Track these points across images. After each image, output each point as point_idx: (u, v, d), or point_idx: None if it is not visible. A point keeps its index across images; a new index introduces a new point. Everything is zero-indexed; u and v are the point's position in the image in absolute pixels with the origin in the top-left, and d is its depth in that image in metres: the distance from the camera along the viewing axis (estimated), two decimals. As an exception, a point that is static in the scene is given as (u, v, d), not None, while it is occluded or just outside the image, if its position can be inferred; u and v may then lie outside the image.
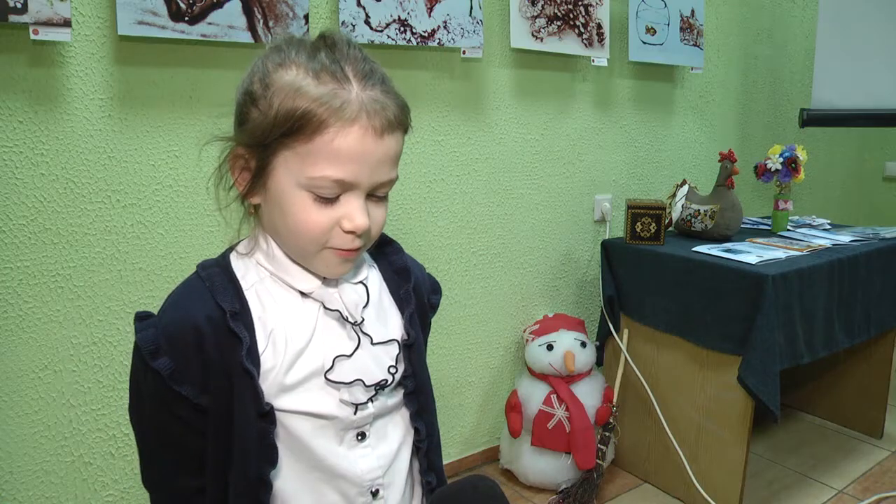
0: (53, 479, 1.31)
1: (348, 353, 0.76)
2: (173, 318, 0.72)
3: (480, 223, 1.82)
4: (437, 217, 1.74)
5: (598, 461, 1.74)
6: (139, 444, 0.78)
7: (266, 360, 0.72)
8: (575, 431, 1.72)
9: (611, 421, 1.80)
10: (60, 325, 1.28)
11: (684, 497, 1.77)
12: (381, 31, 1.49)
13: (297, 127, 0.67)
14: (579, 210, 2.05)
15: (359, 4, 1.46)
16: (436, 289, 0.94)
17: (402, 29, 1.52)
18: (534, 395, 1.79)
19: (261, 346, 0.72)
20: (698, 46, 2.16)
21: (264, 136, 0.69)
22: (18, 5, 1.08)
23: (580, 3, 1.84)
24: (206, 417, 0.72)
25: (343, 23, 1.44)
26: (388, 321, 0.82)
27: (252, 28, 1.32)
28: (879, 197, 3.13)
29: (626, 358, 1.85)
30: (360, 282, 0.81)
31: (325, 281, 0.77)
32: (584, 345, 1.81)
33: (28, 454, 1.28)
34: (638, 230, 1.82)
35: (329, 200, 0.70)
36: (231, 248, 0.80)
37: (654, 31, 2.03)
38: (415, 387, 0.82)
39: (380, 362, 0.79)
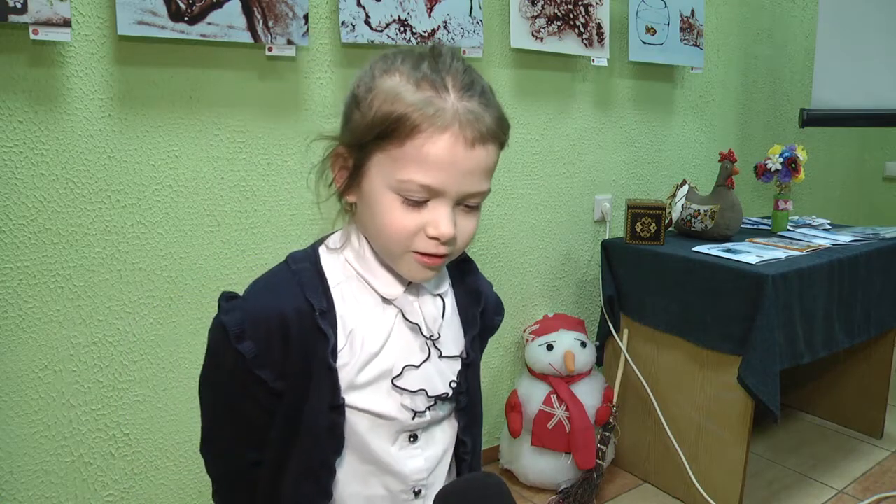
0: (53, 479, 1.31)
1: (417, 364, 0.79)
2: (262, 305, 0.75)
3: (480, 223, 1.82)
4: (437, 217, 1.73)
5: (598, 461, 1.74)
6: (205, 415, 0.82)
7: (342, 357, 0.75)
8: (575, 431, 1.72)
9: (611, 421, 1.80)
10: (60, 325, 1.28)
11: (684, 497, 1.77)
12: (381, 31, 1.49)
13: (391, 130, 0.69)
14: (579, 210, 2.05)
15: (359, 4, 1.46)
16: (499, 310, 0.96)
17: (402, 29, 1.52)
18: (534, 395, 1.79)
19: (339, 343, 0.75)
20: (698, 46, 2.16)
21: (362, 137, 0.72)
22: (18, 5, 1.08)
23: (580, 3, 1.84)
24: (279, 400, 0.76)
25: (343, 23, 1.44)
26: (455, 337, 0.85)
27: (252, 28, 1.32)
28: (879, 197, 3.13)
29: (626, 358, 1.85)
30: (440, 295, 0.83)
31: (408, 289, 0.79)
32: (584, 345, 1.81)
33: (28, 454, 1.28)
34: (638, 230, 1.82)
35: (417, 205, 0.71)
36: (320, 241, 0.82)
37: (654, 31, 2.03)
38: (467, 403, 0.85)
39: (443, 376, 0.82)
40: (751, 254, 1.67)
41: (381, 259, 0.78)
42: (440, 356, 0.82)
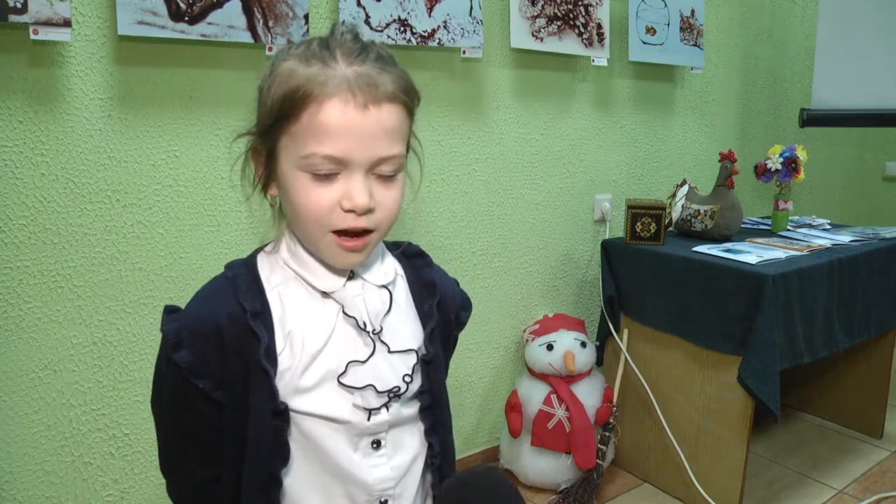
0: (53, 479, 1.31)
1: (362, 360, 0.77)
2: (197, 313, 0.75)
3: (480, 223, 1.82)
4: (437, 217, 1.74)
5: (598, 461, 1.74)
6: (158, 430, 0.82)
7: (283, 361, 0.74)
8: (575, 431, 1.72)
9: (611, 421, 1.80)
10: (60, 325, 1.28)
11: (684, 497, 1.77)
12: (381, 31, 1.49)
13: (287, 109, 0.70)
14: (579, 210, 2.05)
15: (359, 4, 1.46)
16: (465, 305, 0.95)
17: (402, 29, 1.52)
18: (534, 395, 1.79)
19: (279, 347, 0.74)
20: (698, 46, 2.16)
21: (266, 123, 0.73)
22: (18, 5, 1.08)
23: (580, 3, 1.84)
24: (222, 412, 0.74)
25: (343, 23, 1.44)
26: (409, 332, 0.83)
27: (252, 28, 1.32)
28: (879, 197, 3.13)
29: (626, 358, 1.85)
30: (385, 286, 0.81)
31: (351, 282, 0.78)
32: (584, 345, 1.81)
33: (28, 454, 1.28)
34: (638, 230, 1.82)
35: (327, 179, 0.71)
36: (260, 249, 0.82)
37: (654, 31, 2.03)
38: (430, 402, 0.83)
39: (395, 370, 0.79)
40: (751, 254, 1.67)
41: (314, 257, 0.77)
42: (389, 351, 0.79)
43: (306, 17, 1.39)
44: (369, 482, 0.77)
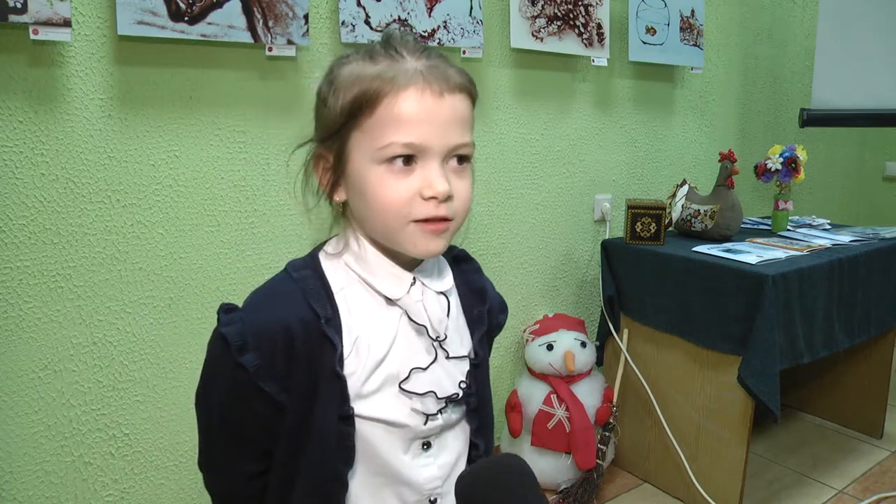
0: (53, 479, 1.31)
1: (424, 367, 0.77)
2: (264, 316, 0.73)
3: (480, 223, 1.82)
4: (437, 217, 1.73)
5: (598, 461, 1.74)
6: (202, 428, 0.80)
7: (349, 365, 0.74)
8: (575, 431, 1.72)
9: (611, 421, 1.80)
10: (60, 325, 1.28)
11: (684, 497, 1.76)
12: (381, 32, 1.49)
13: (360, 105, 0.70)
14: (579, 210, 2.05)
15: (359, 4, 1.46)
16: (503, 308, 0.95)
17: (402, 29, 1.52)
18: (534, 395, 1.79)
19: (346, 352, 0.74)
20: (698, 46, 2.16)
21: (335, 124, 0.73)
22: (18, 5, 1.08)
23: (580, 3, 1.84)
24: (281, 414, 0.74)
25: (343, 23, 1.44)
26: (462, 337, 0.84)
27: (252, 28, 1.32)
28: (879, 197, 3.13)
29: (626, 358, 1.85)
30: (444, 293, 0.82)
31: (412, 289, 0.78)
32: (584, 345, 1.81)
33: (28, 454, 1.28)
34: (638, 230, 1.82)
35: (405, 171, 0.71)
36: (318, 248, 0.81)
37: (654, 31, 2.03)
38: (477, 404, 0.84)
39: (452, 377, 0.80)
40: (751, 254, 1.67)
41: (383, 258, 0.77)
42: (447, 357, 0.80)
43: (306, 17, 1.39)
44: (420, 482, 0.79)
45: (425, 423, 0.77)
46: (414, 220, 0.72)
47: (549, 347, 1.79)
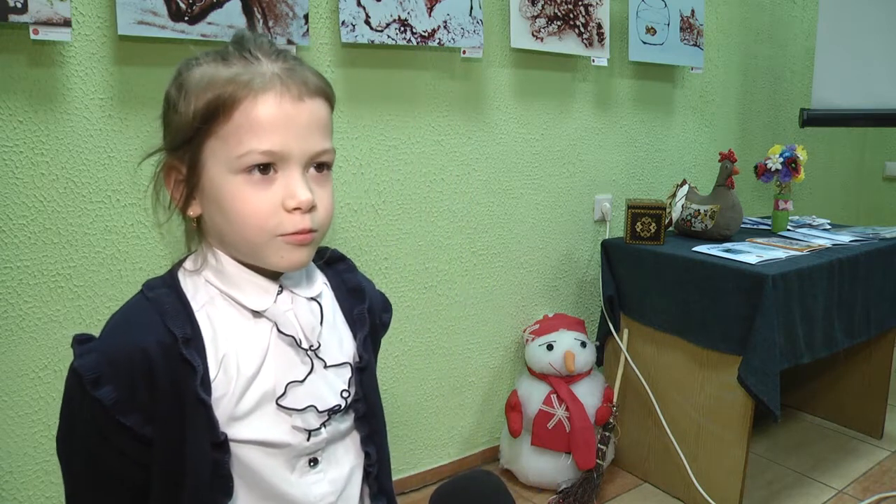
0: (53, 479, 1.31)
1: (300, 379, 0.73)
2: (119, 343, 0.67)
3: (480, 223, 1.82)
4: (437, 217, 1.74)
5: (598, 461, 1.74)
6: (67, 475, 0.72)
7: (217, 388, 0.69)
8: (575, 431, 1.72)
9: (611, 421, 1.80)
10: (60, 325, 1.28)
11: (684, 497, 1.77)
12: (381, 31, 1.49)
13: (214, 111, 0.66)
14: (579, 210, 2.05)
15: (359, 4, 1.46)
16: (387, 307, 0.91)
17: (402, 29, 1.52)
18: (534, 395, 1.79)
19: (212, 373, 0.69)
20: (698, 46, 2.16)
21: (187, 132, 0.68)
22: (18, 5, 1.08)
23: (580, 3, 1.84)
24: (150, 449, 0.68)
25: (343, 23, 1.44)
26: (340, 342, 0.79)
27: (252, 28, 1.32)
28: (879, 197, 3.13)
29: (626, 358, 1.85)
30: (314, 298, 0.77)
31: (279, 298, 0.74)
32: (584, 345, 1.81)
33: (28, 454, 1.28)
34: (638, 230, 1.82)
35: (265, 181, 0.67)
36: (177, 266, 0.76)
37: (654, 31, 2.03)
38: (366, 411, 0.80)
39: (332, 387, 0.76)
40: (751, 254, 1.67)
41: (244, 270, 0.72)
42: (325, 366, 0.76)
43: (306, 17, 1.39)
44: (311, 501, 0.75)
45: (308, 440, 0.73)
46: (279, 234, 0.68)
47: (549, 347, 1.79)
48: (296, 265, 0.72)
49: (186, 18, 1.25)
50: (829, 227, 2.13)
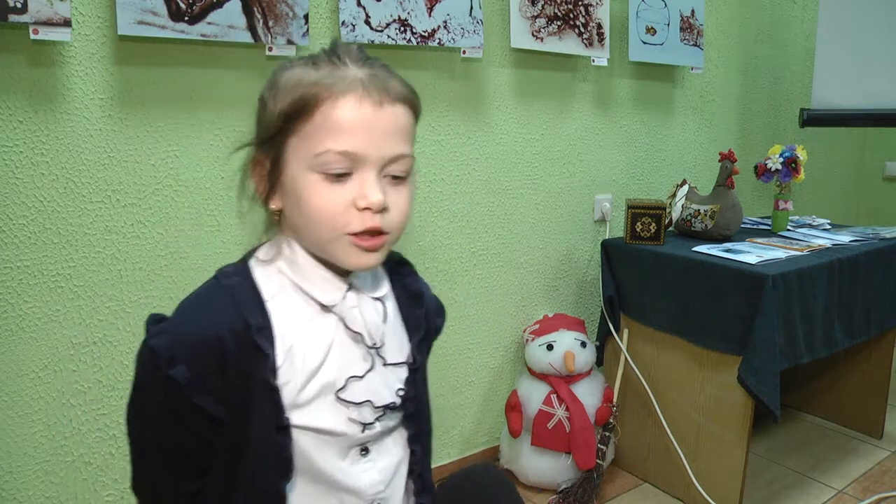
0: (53, 479, 1.31)
1: (360, 375, 0.76)
2: (194, 327, 0.71)
3: (480, 223, 1.82)
4: (437, 217, 1.74)
5: (598, 461, 1.74)
6: (134, 448, 0.76)
7: (282, 375, 0.72)
8: (575, 431, 1.72)
9: (611, 421, 1.80)
10: (60, 325, 1.28)
11: (684, 497, 1.77)
12: (381, 31, 1.49)
13: (298, 110, 0.69)
14: (579, 210, 2.05)
15: (359, 4, 1.46)
16: (440, 312, 0.94)
17: (402, 29, 1.52)
18: (534, 395, 1.79)
19: (279, 361, 0.72)
20: (698, 46, 2.16)
21: (273, 129, 0.71)
22: (18, 5, 1.08)
23: (580, 3, 1.84)
24: (218, 428, 0.71)
25: (343, 23, 1.44)
26: (399, 343, 0.82)
27: (252, 28, 1.32)
28: (879, 197, 3.13)
29: (626, 358, 1.85)
30: (380, 299, 0.80)
31: (347, 295, 0.76)
32: (584, 345, 1.81)
33: (28, 454, 1.28)
34: (638, 230, 1.82)
35: (340, 179, 0.70)
36: (250, 254, 0.79)
37: (654, 31, 2.03)
38: (415, 410, 0.82)
39: (389, 385, 0.79)
40: (751, 254, 1.67)
41: (317, 265, 0.75)
42: (384, 364, 0.79)
43: (306, 17, 1.39)
44: (361, 488, 0.77)
45: (362, 432, 0.76)
46: (348, 232, 0.71)
47: (549, 347, 1.79)
48: (363, 267, 0.75)
49: (186, 18, 1.25)
50: (829, 227, 2.13)
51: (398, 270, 0.87)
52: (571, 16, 1.83)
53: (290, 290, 0.75)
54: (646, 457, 1.87)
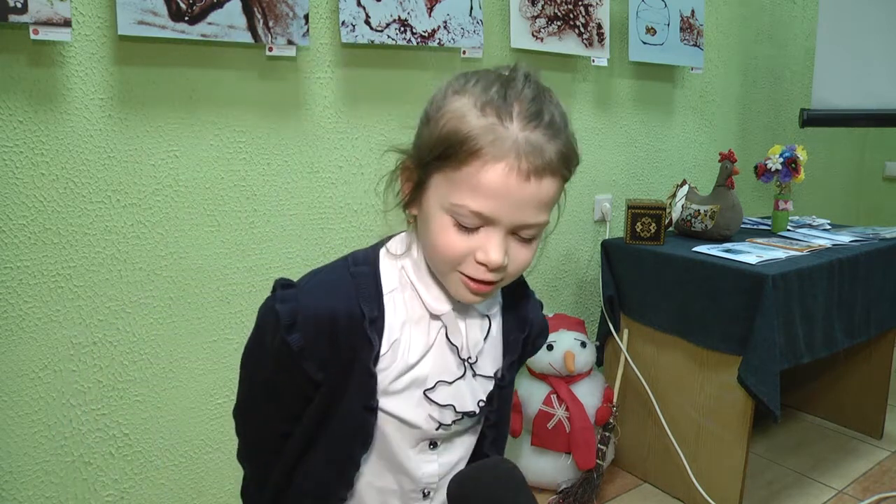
0: (53, 479, 1.31)
1: (450, 381, 0.81)
2: (316, 303, 0.76)
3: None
4: (437, 217, 1.73)
5: (598, 461, 1.74)
6: (245, 382, 0.85)
7: (382, 362, 0.78)
8: (575, 431, 1.72)
9: (611, 421, 1.80)
10: (60, 325, 1.28)
11: (684, 497, 1.77)
12: (381, 31, 1.49)
13: (450, 152, 0.70)
14: (579, 210, 2.05)
15: (359, 4, 1.46)
16: (543, 332, 0.96)
17: (402, 29, 1.52)
18: (534, 395, 1.79)
19: (382, 349, 0.77)
20: (698, 46, 2.16)
21: (426, 155, 0.73)
22: (18, 5, 1.08)
23: (580, 3, 1.84)
24: (317, 389, 0.79)
25: (343, 23, 1.44)
26: (493, 358, 0.86)
27: (252, 28, 1.32)
28: (879, 197, 3.13)
29: (626, 358, 1.85)
30: (487, 316, 0.85)
31: (456, 306, 0.80)
32: (584, 345, 1.81)
33: (28, 454, 1.28)
34: (638, 230, 1.82)
35: (468, 230, 0.72)
36: (382, 243, 0.83)
37: (654, 31, 2.03)
38: (495, 420, 0.87)
39: (474, 394, 0.83)
40: (751, 254, 1.67)
41: (434, 279, 0.80)
42: (474, 375, 0.83)
43: (306, 17, 1.39)
44: (419, 475, 0.84)
45: (437, 429, 0.82)
46: (461, 272, 0.74)
47: (549, 347, 1.79)
48: (468, 301, 0.78)
49: (186, 18, 1.25)
50: (829, 227, 2.13)
51: (514, 291, 0.89)
52: (571, 16, 1.83)
53: (408, 288, 0.80)
54: (646, 457, 1.87)
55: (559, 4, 1.79)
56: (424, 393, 0.80)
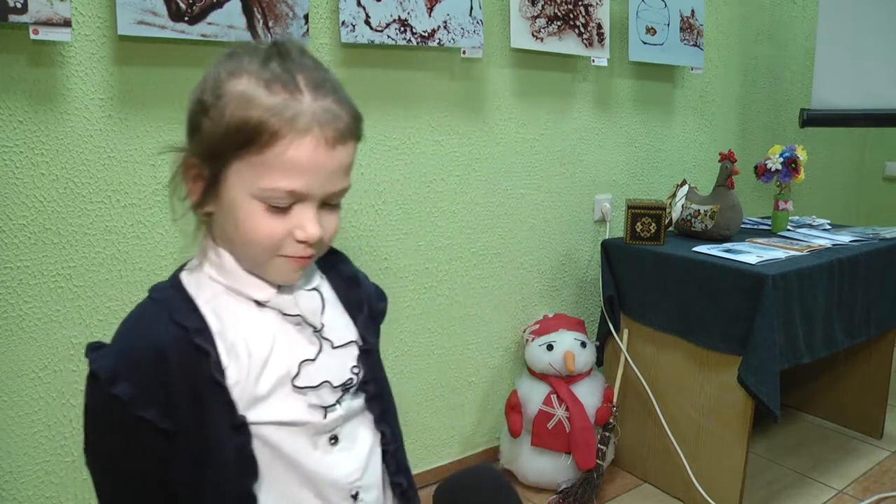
0: (53, 479, 1.31)
1: (312, 358, 0.77)
2: (132, 342, 0.70)
3: (480, 223, 1.82)
4: (437, 217, 1.74)
5: (598, 461, 1.74)
6: (98, 485, 0.74)
7: (231, 375, 0.72)
8: (575, 431, 1.72)
9: (611, 421, 1.80)
10: (60, 325, 1.28)
11: (684, 497, 1.77)
12: (381, 31, 1.49)
13: (248, 138, 0.67)
14: (579, 210, 2.05)
15: (359, 4, 1.46)
16: (381, 296, 0.94)
17: (402, 29, 1.52)
18: (534, 395, 1.79)
19: (223, 361, 0.72)
20: (698, 46, 2.16)
21: (217, 147, 0.69)
22: (18, 5, 1.08)
23: (580, 3, 1.84)
24: (173, 443, 0.70)
25: (343, 23, 1.44)
26: (344, 326, 0.83)
27: (252, 28, 1.32)
28: (879, 197, 3.13)
29: (626, 358, 1.85)
30: (314, 288, 0.82)
31: (280, 289, 0.77)
32: (584, 345, 1.81)
33: (28, 454, 1.28)
34: (638, 230, 1.82)
35: (281, 210, 0.71)
36: (180, 270, 0.79)
37: (654, 31, 2.03)
38: (375, 391, 0.84)
39: (343, 364, 0.80)
40: (751, 254, 1.67)
41: (245, 273, 0.76)
42: (333, 346, 0.80)
43: (306, 17, 1.39)
44: (337, 477, 0.77)
45: (325, 417, 0.76)
46: (281, 255, 0.73)
47: (549, 347, 1.79)
48: (290, 282, 0.77)
49: (186, 18, 1.25)
50: (829, 227, 2.13)
51: (329, 259, 0.87)
52: (571, 16, 1.83)
53: (222, 294, 0.76)
54: (646, 457, 1.87)
55: (559, 4, 1.79)
56: (293, 384, 0.74)
